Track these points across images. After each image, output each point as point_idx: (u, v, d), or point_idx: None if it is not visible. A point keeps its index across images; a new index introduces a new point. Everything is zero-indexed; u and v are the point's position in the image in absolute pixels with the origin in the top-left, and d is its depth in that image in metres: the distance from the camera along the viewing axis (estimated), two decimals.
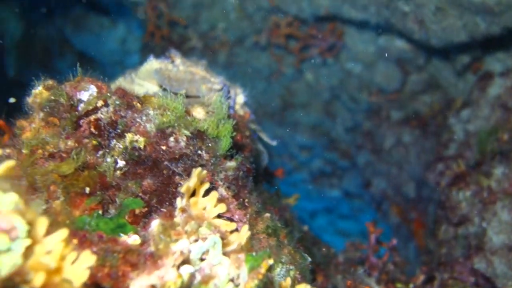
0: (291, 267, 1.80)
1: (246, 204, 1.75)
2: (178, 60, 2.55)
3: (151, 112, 1.62)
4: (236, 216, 1.69)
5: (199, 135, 1.72)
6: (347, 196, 8.17)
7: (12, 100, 1.87)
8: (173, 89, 2.29)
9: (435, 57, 5.43)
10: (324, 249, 3.15)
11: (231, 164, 1.80)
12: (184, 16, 5.79)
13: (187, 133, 1.66)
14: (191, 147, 1.66)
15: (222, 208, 1.49)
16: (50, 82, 1.65)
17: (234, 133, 1.89)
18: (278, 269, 1.72)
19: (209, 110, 1.83)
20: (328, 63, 6.04)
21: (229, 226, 1.47)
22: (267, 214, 1.79)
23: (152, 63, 2.46)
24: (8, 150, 1.53)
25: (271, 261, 1.36)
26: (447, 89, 5.51)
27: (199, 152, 1.69)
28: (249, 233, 1.47)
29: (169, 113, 1.63)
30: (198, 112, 1.79)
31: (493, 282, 2.60)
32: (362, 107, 6.36)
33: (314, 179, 8.47)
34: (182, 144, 1.63)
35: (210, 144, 1.74)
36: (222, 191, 1.73)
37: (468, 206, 2.84)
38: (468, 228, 2.85)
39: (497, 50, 4.19)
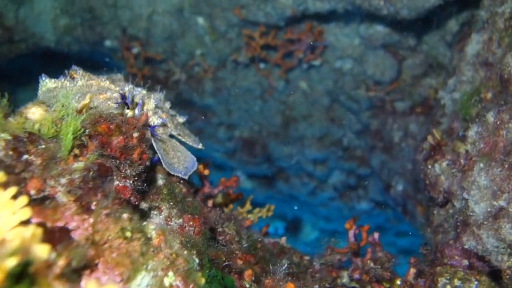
0: (167, 272, 1.48)
1: (93, 207, 1.46)
2: (77, 76, 2.37)
3: None
4: (74, 223, 1.40)
5: (28, 138, 1.48)
6: (377, 206, 7.50)
7: None
8: None
9: (424, 34, 4.94)
10: (295, 257, 2.74)
11: (78, 165, 1.53)
12: (160, 51, 5.75)
13: (5, 136, 1.42)
14: (10, 152, 1.41)
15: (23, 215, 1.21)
16: None
17: (86, 131, 1.64)
18: (139, 278, 1.40)
19: (49, 109, 1.59)
20: (316, 66, 5.70)
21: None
22: (125, 215, 1.48)
23: (47, 84, 2.30)
24: None
25: None
26: (448, 64, 4.96)
27: (25, 156, 1.44)
28: None
29: None
30: (33, 113, 1.55)
31: (488, 261, 2.06)
32: (364, 105, 5.89)
33: (341, 195, 7.92)
34: None
35: (43, 146, 1.49)
36: (61, 196, 1.45)
37: (447, 178, 2.33)
38: (454, 204, 2.32)
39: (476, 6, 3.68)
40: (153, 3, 5.40)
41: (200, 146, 2.55)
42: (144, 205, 2.06)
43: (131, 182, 1.86)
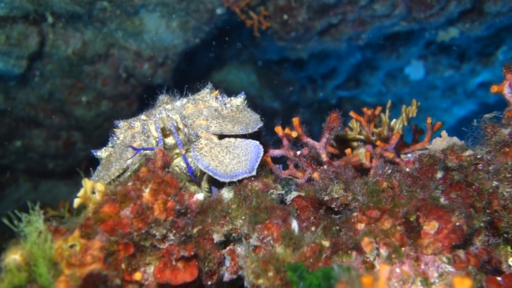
0: None
1: None
2: (119, 131, 2.31)
3: None
4: None
5: None
6: None
7: None
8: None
9: None
10: None
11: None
12: None
13: None
14: None
15: None
16: None
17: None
18: None
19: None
20: None
21: None
22: None
23: (100, 156, 2.32)
24: None
25: None
26: None
27: None
28: None
29: None
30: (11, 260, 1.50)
31: None
32: None
33: None
34: None
35: None
36: None
37: None
38: None
39: None
40: None
41: (256, 127, 2.10)
42: (216, 238, 1.84)
43: (172, 237, 1.68)
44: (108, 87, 6.30)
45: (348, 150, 2.49)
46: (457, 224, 1.77)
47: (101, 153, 2.32)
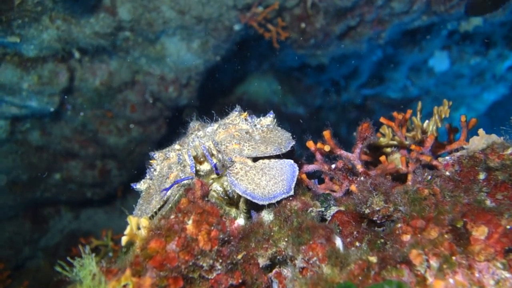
0: None
1: None
2: (155, 162, 2.36)
3: None
4: None
5: None
6: None
7: None
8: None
9: None
10: None
11: None
12: None
13: None
14: None
15: None
16: None
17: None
18: None
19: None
20: None
21: None
22: None
23: (140, 188, 2.38)
24: None
25: None
26: None
27: None
28: None
29: None
30: None
31: None
32: None
33: None
34: None
35: None
36: None
37: None
38: None
39: None
40: None
41: (288, 147, 2.11)
42: (262, 262, 1.85)
43: (219, 266, 1.70)
44: (137, 113, 6.46)
45: (383, 158, 2.46)
46: (508, 227, 1.72)
47: (140, 186, 2.38)
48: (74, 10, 5.16)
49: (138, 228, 1.79)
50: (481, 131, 2.29)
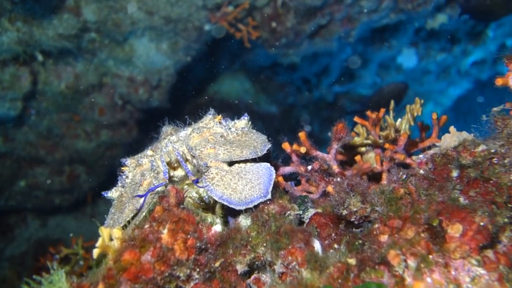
0: None
1: None
2: (127, 170, 2.28)
3: None
4: None
5: None
6: None
7: None
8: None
9: None
10: None
11: None
12: None
13: None
14: None
15: None
16: None
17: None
18: None
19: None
20: None
21: None
22: None
23: (112, 196, 2.29)
24: None
25: None
26: None
27: None
28: None
29: None
30: None
31: None
32: None
33: None
34: None
35: None
36: None
37: None
38: None
39: None
40: None
41: (264, 150, 2.07)
42: (240, 268, 1.81)
43: (196, 275, 1.65)
44: (106, 116, 6.28)
45: (358, 157, 2.46)
46: (482, 223, 1.75)
47: (112, 194, 2.29)
48: (35, 11, 4.96)
49: (111, 239, 1.72)
50: (452, 128, 2.32)
